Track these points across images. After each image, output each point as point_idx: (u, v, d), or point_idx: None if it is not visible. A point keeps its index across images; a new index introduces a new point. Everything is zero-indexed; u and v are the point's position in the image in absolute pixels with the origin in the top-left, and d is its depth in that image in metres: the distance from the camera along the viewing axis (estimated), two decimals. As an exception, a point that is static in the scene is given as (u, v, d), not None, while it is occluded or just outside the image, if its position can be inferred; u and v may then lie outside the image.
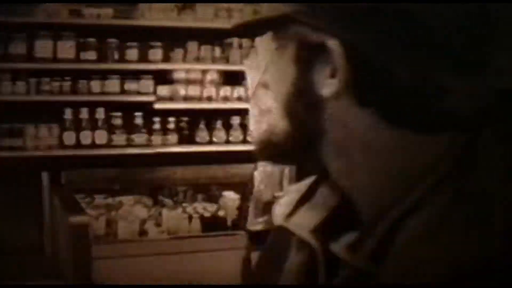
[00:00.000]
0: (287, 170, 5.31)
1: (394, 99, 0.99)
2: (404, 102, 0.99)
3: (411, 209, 0.95)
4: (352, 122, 1.02)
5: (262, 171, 6.14)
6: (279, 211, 1.14)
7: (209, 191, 6.74)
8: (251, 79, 1.35)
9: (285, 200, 1.15)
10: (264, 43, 1.10)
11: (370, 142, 1.02)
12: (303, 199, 1.12)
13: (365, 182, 1.04)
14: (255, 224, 6.18)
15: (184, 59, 6.69)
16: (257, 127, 1.09)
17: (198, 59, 6.73)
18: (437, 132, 0.99)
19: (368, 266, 0.95)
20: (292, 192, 1.16)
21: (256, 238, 4.66)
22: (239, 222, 6.15)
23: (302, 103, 1.03)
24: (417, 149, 1.00)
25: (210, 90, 6.67)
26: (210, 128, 6.66)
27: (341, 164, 1.04)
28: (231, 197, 6.37)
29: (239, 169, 6.92)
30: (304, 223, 1.08)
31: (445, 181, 0.95)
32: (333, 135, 1.03)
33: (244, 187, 6.27)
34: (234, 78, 6.79)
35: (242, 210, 6.15)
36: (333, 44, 0.97)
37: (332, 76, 0.98)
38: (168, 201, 6.45)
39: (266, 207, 6.12)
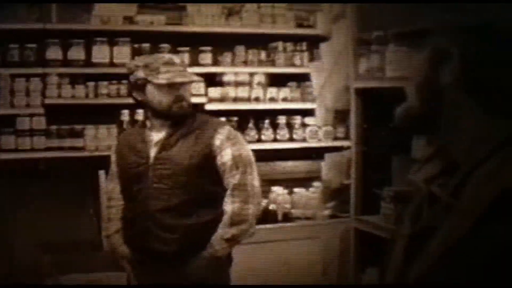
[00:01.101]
0: (353, 159, 5.37)
1: (485, 92, 1.50)
2: (489, 96, 1.50)
3: (478, 163, 1.46)
4: (458, 104, 1.54)
5: (329, 161, 6.27)
6: (410, 172, 1.73)
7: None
8: (316, 80, 2.08)
9: (416, 165, 1.73)
10: (328, 50, 1.89)
11: (466, 119, 1.54)
12: (425, 163, 1.69)
13: (458, 144, 1.56)
14: (324, 209, 6.34)
15: (233, 63, 6.87)
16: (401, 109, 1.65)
17: (245, 63, 6.91)
18: (502, 117, 1.50)
19: (449, 199, 1.48)
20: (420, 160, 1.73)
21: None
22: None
23: (431, 89, 1.56)
24: (488, 126, 1.50)
25: (258, 92, 6.84)
26: (258, 127, 6.81)
27: (449, 131, 1.57)
28: (280, 191, 6.52)
29: (286, 166, 7.07)
30: (421, 177, 1.66)
31: (501, 147, 1.46)
32: (446, 112, 1.56)
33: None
34: (279, 80, 6.98)
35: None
36: (456, 51, 1.50)
37: (452, 71, 1.51)
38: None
39: (334, 194, 6.27)
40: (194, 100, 6.52)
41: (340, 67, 5.82)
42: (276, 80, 6.99)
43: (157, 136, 4.19)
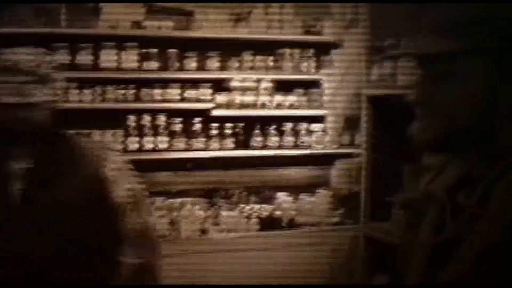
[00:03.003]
0: (363, 166, 5.23)
1: None
2: None
3: (501, 173, 1.43)
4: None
5: (339, 168, 6.12)
6: (423, 182, 1.66)
7: (262, 193, 6.73)
8: (327, 86, 1.95)
9: (427, 176, 1.66)
10: (340, 56, 1.71)
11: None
12: (439, 173, 1.63)
13: (485, 153, 1.49)
14: (332, 216, 6.17)
15: (240, 69, 6.70)
16: (426, 125, 1.51)
17: (252, 69, 6.73)
18: None
19: (476, 209, 1.45)
20: (433, 169, 1.66)
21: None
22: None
23: (482, 105, 1.46)
24: None
25: (264, 98, 6.65)
26: (264, 133, 6.65)
27: (483, 143, 1.50)
28: (285, 198, 6.35)
29: (291, 172, 6.92)
30: (440, 187, 1.60)
31: None
32: (491, 124, 1.47)
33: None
34: (286, 86, 6.80)
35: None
36: None
37: None
38: (223, 202, 6.45)
39: (343, 200, 6.12)
40: (200, 105, 6.41)
41: (352, 74, 5.70)
42: (283, 86, 6.80)
43: (18, 165, 2.85)
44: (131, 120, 6.31)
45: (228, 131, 6.56)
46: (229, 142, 6.53)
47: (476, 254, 1.42)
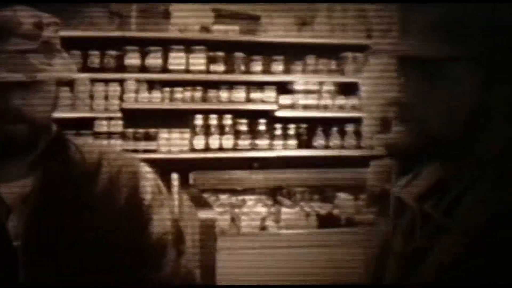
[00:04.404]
0: (394, 167, 5.23)
1: None
2: None
3: (472, 184, 1.34)
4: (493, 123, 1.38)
5: (373, 167, 6.11)
6: (396, 187, 1.61)
7: (324, 192, 6.75)
8: (365, 91, 1.83)
9: (402, 179, 1.60)
10: (378, 61, 1.60)
11: (488, 138, 1.38)
12: (413, 178, 1.55)
13: (459, 162, 1.41)
14: (368, 213, 6.16)
15: (303, 71, 6.76)
16: (406, 130, 1.40)
17: (316, 72, 6.78)
18: None
19: (444, 219, 1.36)
20: (409, 175, 1.59)
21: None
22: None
23: (465, 115, 1.36)
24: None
25: (327, 100, 6.70)
26: (327, 134, 6.69)
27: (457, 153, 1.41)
28: (345, 197, 6.36)
29: (352, 172, 6.91)
30: (410, 193, 1.52)
31: (486, 171, 1.33)
32: (469, 133, 1.38)
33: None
34: (348, 89, 6.81)
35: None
36: None
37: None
38: (286, 200, 6.49)
39: (378, 199, 6.10)
40: (265, 106, 6.48)
41: (385, 78, 5.72)
42: (345, 89, 6.83)
43: (9, 187, 1.84)
44: (198, 120, 6.40)
45: (291, 132, 6.62)
46: (292, 142, 6.59)
47: (440, 266, 1.35)
